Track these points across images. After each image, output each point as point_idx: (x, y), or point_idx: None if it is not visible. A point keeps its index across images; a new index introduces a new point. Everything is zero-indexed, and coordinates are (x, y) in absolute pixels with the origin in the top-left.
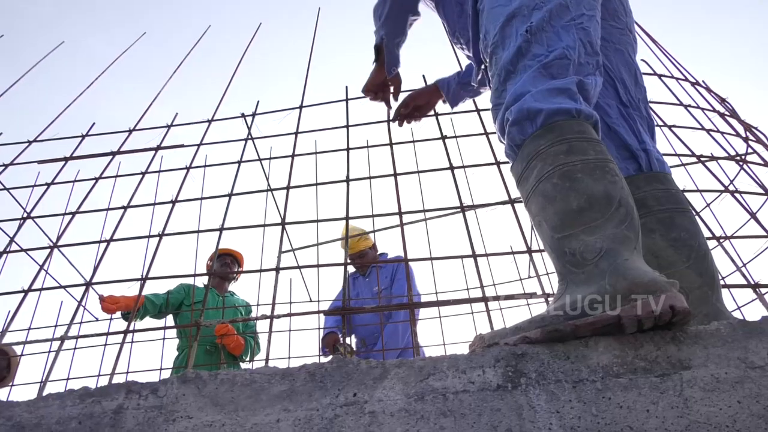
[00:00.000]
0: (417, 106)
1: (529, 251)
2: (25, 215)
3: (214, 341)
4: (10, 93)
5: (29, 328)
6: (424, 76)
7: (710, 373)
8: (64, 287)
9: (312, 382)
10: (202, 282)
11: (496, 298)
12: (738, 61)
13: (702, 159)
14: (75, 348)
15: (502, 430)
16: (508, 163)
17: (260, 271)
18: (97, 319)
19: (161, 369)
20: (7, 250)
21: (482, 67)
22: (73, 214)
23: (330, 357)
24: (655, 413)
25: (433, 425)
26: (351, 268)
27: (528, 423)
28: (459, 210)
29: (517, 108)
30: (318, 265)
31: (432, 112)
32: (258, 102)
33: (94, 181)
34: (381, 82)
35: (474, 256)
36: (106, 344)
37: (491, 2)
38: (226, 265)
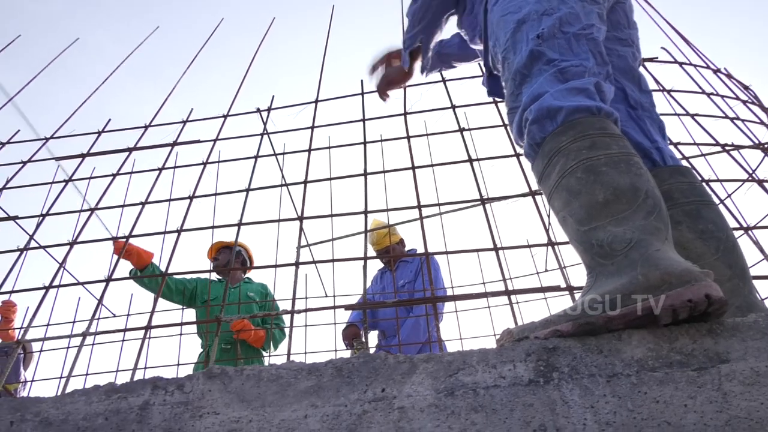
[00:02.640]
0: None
1: (551, 244)
2: (44, 213)
3: (230, 337)
4: (25, 90)
5: (48, 325)
6: (441, 72)
7: (749, 367)
8: (84, 283)
9: (339, 378)
10: (216, 277)
11: (521, 291)
12: (761, 47)
13: (726, 147)
14: (93, 344)
15: (536, 425)
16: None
17: (278, 266)
18: (115, 315)
19: (178, 365)
20: (27, 247)
21: (488, 74)
22: (92, 210)
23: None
24: (693, 408)
25: (464, 421)
26: (380, 263)
27: (562, 418)
28: (479, 203)
29: (537, 107)
30: (340, 260)
31: (449, 104)
32: (273, 97)
33: (112, 177)
34: (402, 83)
35: (496, 249)
36: (123, 340)
37: (501, 10)
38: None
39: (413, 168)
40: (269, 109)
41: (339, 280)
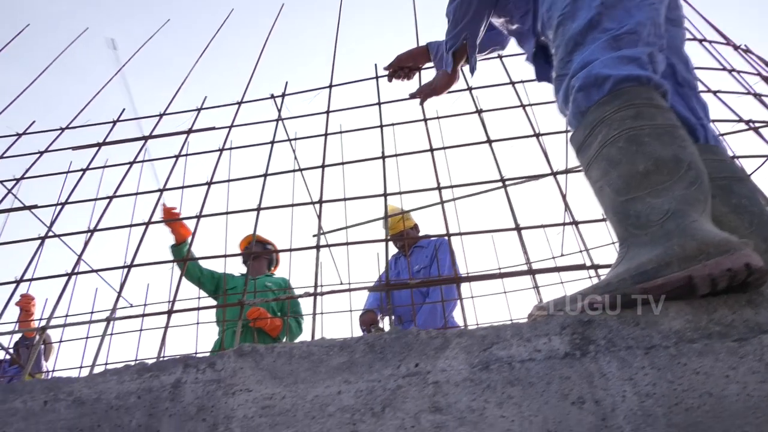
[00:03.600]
0: (402, 67)
1: (575, 222)
2: (62, 202)
3: (245, 326)
4: (39, 83)
5: (66, 315)
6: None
7: None
8: (105, 270)
9: (371, 354)
10: (238, 271)
11: (544, 270)
12: None
13: (753, 124)
14: (112, 333)
15: (573, 398)
16: (547, 135)
17: (298, 249)
18: (132, 305)
19: (197, 354)
20: (47, 235)
21: (531, 43)
22: (110, 198)
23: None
24: (735, 379)
25: (500, 394)
26: (394, 249)
27: (600, 391)
28: (500, 184)
29: (585, 74)
30: (360, 242)
31: (465, 86)
32: (286, 83)
33: (129, 165)
34: (446, 89)
35: (518, 228)
36: (141, 330)
37: None
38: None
39: (431, 150)
40: (283, 95)
41: (354, 267)
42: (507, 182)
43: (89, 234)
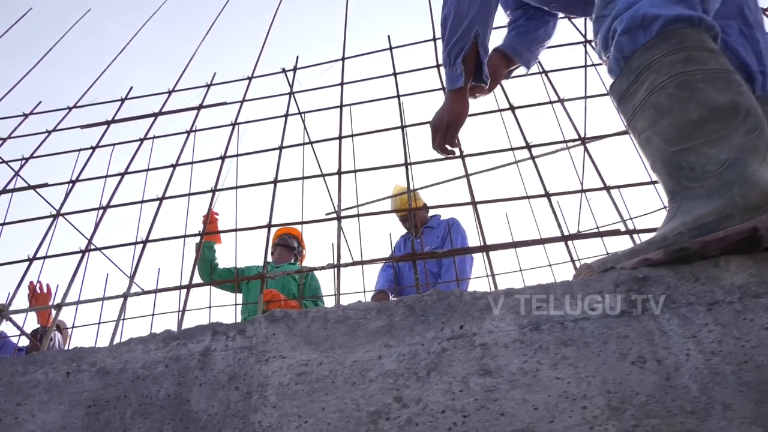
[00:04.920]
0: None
1: (606, 188)
2: (72, 180)
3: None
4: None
5: (78, 302)
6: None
7: None
8: (119, 246)
9: (412, 316)
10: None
11: (578, 236)
12: None
13: None
14: (124, 318)
15: (633, 357)
16: (571, 100)
17: (320, 220)
18: (143, 290)
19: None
20: (60, 212)
21: None
22: (122, 175)
23: None
24: None
25: (553, 355)
26: (403, 230)
27: (662, 350)
28: (528, 154)
29: (630, 15)
30: (384, 212)
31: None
32: (297, 57)
33: (139, 141)
34: (465, 115)
35: (547, 195)
36: (153, 314)
37: None
38: (291, 243)
39: None
40: (294, 69)
41: (366, 247)
42: (533, 148)
43: (102, 211)
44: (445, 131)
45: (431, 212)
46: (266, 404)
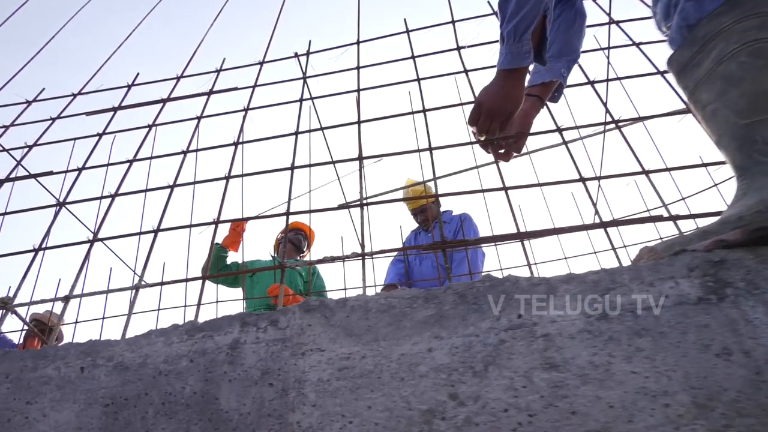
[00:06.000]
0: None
1: (645, 171)
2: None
3: (266, 305)
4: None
5: (81, 294)
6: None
7: None
8: (129, 236)
9: (463, 305)
10: (269, 252)
11: (620, 222)
12: None
13: None
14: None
15: (717, 349)
16: (602, 81)
17: (344, 207)
18: (147, 283)
19: None
20: (65, 201)
21: None
22: (130, 162)
23: None
24: None
25: (626, 347)
26: (413, 225)
27: (748, 340)
28: (559, 137)
29: None
30: (412, 198)
31: None
32: (310, 42)
33: (148, 128)
34: (521, 101)
35: (582, 180)
36: (159, 309)
37: None
38: (298, 239)
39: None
40: (308, 53)
41: (377, 239)
42: (563, 131)
43: (110, 199)
44: (503, 118)
45: (443, 207)
46: (305, 402)
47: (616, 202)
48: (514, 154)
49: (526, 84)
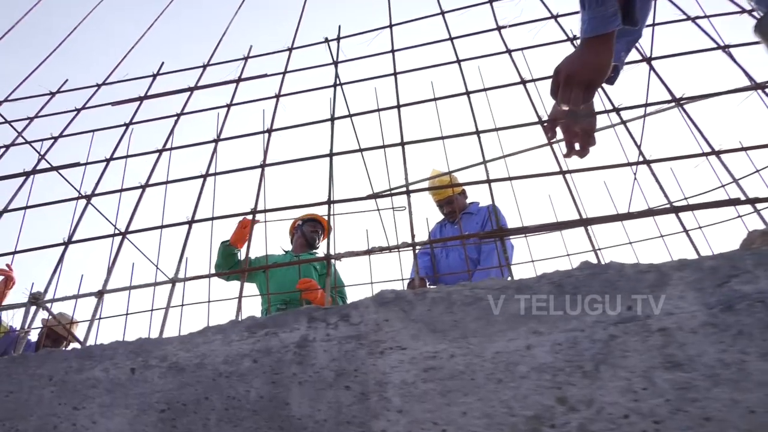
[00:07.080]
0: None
1: (715, 152)
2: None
3: (288, 298)
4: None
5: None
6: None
7: None
8: (167, 227)
9: (561, 296)
10: (281, 247)
11: (693, 207)
12: None
13: None
14: (152, 309)
15: None
16: (659, 58)
17: (389, 194)
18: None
19: None
20: (93, 193)
21: None
22: (160, 151)
23: None
24: None
25: (761, 342)
26: (440, 216)
27: None
28: (618, 119)
29: None
30: (462, 184)
31: (549, 14)
32: (339, 27)
33: (176, 117)
34: (609, 68)
35: (647, 162)
36: (183, 305)
37: None
38: (315, 232)
39: (523, 82)
40: (338, 38)
41: (402, 233)
42: (621, 111)
43: (141, 191)
44: (585, 85)
45: (469, 199)
46: (389, 408)
47: (671, 185)
48: (590, 149)
49: None
